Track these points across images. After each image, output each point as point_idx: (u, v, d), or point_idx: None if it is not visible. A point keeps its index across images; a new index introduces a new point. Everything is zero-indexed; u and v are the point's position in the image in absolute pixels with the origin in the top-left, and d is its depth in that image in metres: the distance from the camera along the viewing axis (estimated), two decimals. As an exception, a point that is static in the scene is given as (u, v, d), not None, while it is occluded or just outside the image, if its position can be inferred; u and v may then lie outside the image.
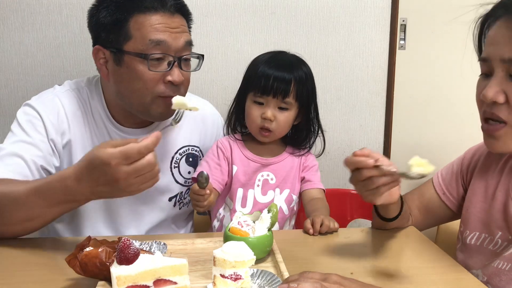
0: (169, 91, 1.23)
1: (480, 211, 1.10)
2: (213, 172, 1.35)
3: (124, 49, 1.20)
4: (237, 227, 1.02)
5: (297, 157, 1.40)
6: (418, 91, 2.17)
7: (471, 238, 1.11)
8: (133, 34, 1.19)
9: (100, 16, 1.22)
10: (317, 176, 1.42)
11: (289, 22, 2.00)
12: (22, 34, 1.87)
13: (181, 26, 1.25)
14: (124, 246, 0.80)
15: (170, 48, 1.21)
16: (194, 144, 1.44)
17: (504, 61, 0.86)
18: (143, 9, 1.19)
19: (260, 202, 1.36)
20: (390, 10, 2.05)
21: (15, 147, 1.21)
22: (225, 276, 0.85)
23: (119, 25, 1.20)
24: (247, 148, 1.38)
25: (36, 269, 1.00)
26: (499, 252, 1.04)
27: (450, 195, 1.22)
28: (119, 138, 1.33)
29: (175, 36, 1.22)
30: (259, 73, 1.29)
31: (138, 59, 1.19)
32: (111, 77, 1.26)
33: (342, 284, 0.82)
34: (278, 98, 1.28)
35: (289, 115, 1.32)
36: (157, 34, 1.19)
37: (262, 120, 1.30)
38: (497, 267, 1.02)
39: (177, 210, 1.45)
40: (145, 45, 1.19)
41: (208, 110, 1.51)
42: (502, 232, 1.04)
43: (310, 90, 1.35)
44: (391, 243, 1.18)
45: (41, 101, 1.30)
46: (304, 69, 1.33)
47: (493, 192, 1.08)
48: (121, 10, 1.20)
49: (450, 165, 1.25)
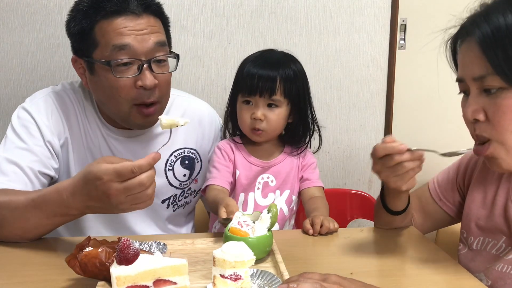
0: (143, 96, 1.20)
1: (481, 218, 1.09)
2: (223, 174, 1.33)
3: (93, 57, 1.18)
4: (237, 227, 1.02)
5: (296, 157, 1.40)
6: (418, 91, 2.17)
7: (476, 243, 1.10)
8: (99, 41, 1.17)
9: (71, 26, 1.21)
10: (316, 174, 1.41)
11: (289, 22, 2.00)
12: (22, 34, 1.87)
13: (149, 27, 1.18)
14: (123, 246, 0.80)
15: (136, 52, 1.16)
16: (190, 147, 1.42)
17: (475, 79, 0.89)
18: (106, 14, 1.15)
19: (260, 205, 1.35)
20: (390, 10, 2.05)
21: (11, 154, 1.21)
22: (225, 276, 0.85)
23: (86, 34, 1.18)
24: (247, 151, 1.37)
25: (36, 269, 1.00)
26: (502, 256, 1.03)
27: (446, 201, 1.22)
28: (112, 140, 1.33)
29: (142, 39, 1.16)
30: (245, 74, 1.29)
31: (105, 67, 1.16)
32: (90, 86, 1.25)
33: (341, 284, 0.82)
34: (265, 96, 1.27)
35: (280, 113, 1.30)
36: (121, 39, 1.15)
37: (252, 121, 1.29)
38: (501, 270, 1.01)
39: (171, 212, 1.44)
40: (109, 51, 1.15)
41: (205, 110, 1.49)
42: (506, 237, 1.03)
43: (300, 87, 1.32)
44: (391, 243, 1.18)
45: (35, 103, 1.29)
46: (292, 66, 1.31)
47: (493, 197, 1.07)
48: (86, 18, 1.17)
49: (447, 170, 1.25)
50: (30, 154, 1.22)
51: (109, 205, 0.96)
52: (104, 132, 1.33)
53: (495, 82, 0.84)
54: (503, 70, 0.82)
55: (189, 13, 1.94)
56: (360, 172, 2.22)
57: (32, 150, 1.23)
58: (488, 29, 0.82)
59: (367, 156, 2.21)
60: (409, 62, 2.13)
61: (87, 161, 1.32)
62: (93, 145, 1.33)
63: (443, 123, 2.21)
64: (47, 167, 1.25)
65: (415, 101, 2.18)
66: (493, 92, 0.86)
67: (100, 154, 1.33)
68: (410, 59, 2.13)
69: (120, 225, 1.38)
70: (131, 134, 1.34)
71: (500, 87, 0.85)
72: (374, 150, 1.00)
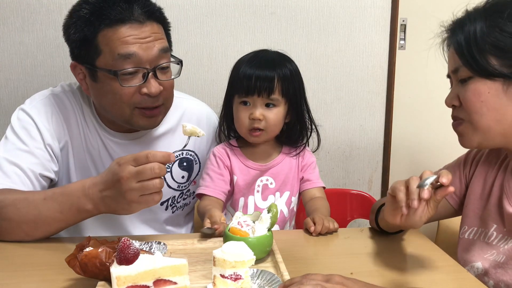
0: (147, 102, 1.20)
1: (478, 207, 1.14)
2: (217, 183, 1.32)
3: (96, 65, 1.17)
4: (237, 227, 1.02)
5: (295, 157, 1.39)
6: (418, 91, 2.18)
7: (469, 233, 1.15)
8: (102, 49, 1.15)
9: (70, 32, 1.19)
10: (316, 173, 1.40)
11: (289, 22, 2.00)
12: (22, 34, 1.87)
13: (153, 34, 1.18)
14: (124, 246, 0.80)
15: (142, 60, 1.16)
16: (188, 149, 1.41)
17: (453, 71, 1.07)
18: (110, 22, 1.14)
19: (261, 208, 1.33)
20: (390, 10, 2.06)
21: (12, 155, 1.21)
22: (225, 276, 0.85)
23: (89, 41, 1.16)
24: (244, 155, 1.36)
25: (36, 269, 1.00)
26: (494, 244, 1.08)
27: (453, 193, 1.22)
28: (110, 143, 1.33)
29: (147, 47, 1.16)
30: (241, 74, 1.27)
31: (110, 75, 1.16)
32: (91, 92, 1.24)
33: (345, 284, 0.82)
34: (263, 96, 1.26)
35: (278, 112, 1.29)
36: (126, 47, 1.14)
37: (251, 121, 1.28)
38: (494, 259, 1.07)
39: (170, 214, 1.44)
40: (115, 60, 1.14)
41: (204, 111, 1.48)
42: (497, 225, 1.09)
43: (297, 87, 1.32)
44: (391, 243, 1.18)
45: (35, 106, 1.28)
46: (288, 65, 1.30)
47: (490, 189, 1.13)
48: (88, 25, 1.15)
49: (452, 163, 1.26)
50: (31, 157, 1.22)
51: (119, 193, 1.00)
52: (103, 135, 1.32)
53: (465, 73, 1.03)
54: (470, 63, 1.01)
55: (189, 13, 1.94)
56: (360, 172, 2.23)
57: (33, 153, 1.23)
58: (461, 36, 1.02)
59: (367, 156, 2.24)
60: (409, 62, 2.13)
61: (87, 163, 1.32)
62: (92, 147, 1.32)
63: (443, 123, 2.20)
64: (47, 169, 1.25)
65: (415, 101, 2.18)
66: (466, 81, 1.03)
67: (99, 156, 1.33)
68: (410, 59, 2.13)
69: (119, 227, 1.38)
70: (129, 137, 1.34)
71: (469, 77, 1.02)
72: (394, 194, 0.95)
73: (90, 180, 1.07)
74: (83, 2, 1.18)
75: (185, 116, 1.42)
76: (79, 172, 1.33)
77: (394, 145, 2.22)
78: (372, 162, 2.22)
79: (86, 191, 1.06)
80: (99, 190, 1.04)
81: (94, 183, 1.05)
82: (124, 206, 1.02)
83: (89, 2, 1.16)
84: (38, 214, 1.08)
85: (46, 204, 1.08)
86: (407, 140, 2.25)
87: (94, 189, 1.05)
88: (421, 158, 2.27)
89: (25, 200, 1.10)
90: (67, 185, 1.12)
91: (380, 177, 2.24)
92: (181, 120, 1.39)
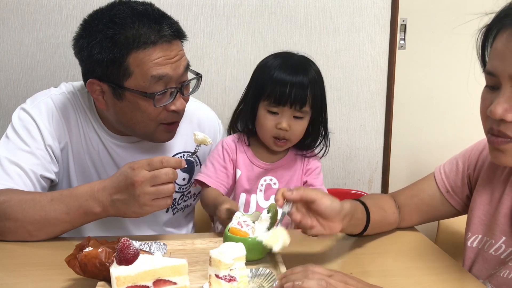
0: (172, 117, 1.23)
1: (485, 214, 1.07)
2: (219, 174, 1.32)
3: (125, 86, 1.15)
4: (236, 227, 1.02)
5: (300, 160, 1.37)
6: (418, 91, 2.18)
7: (472, 240, 1.08)
8: (133, 70, 1.14)
9: (93, 51, 1.14)
10: (320, 179, 1.39)
11: (289, 22, 2.00)
12: (22, 34, 1.87)
13: (179, 52, 1.19)
14: (123, 247, 0.80)
15: (172, 80, 1.17)
16: (190, 150, 1.41)
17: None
18: (143, 45, 1.12)
19: (263, 208, 1.33)
20: (390, 10, 2.06)
21: (13, 155, 1.20)
22: (219, 276, 0.85)
23: (117, 63, 1.13)
24: (251, 151, 1.35)
25: (36, 269, 1.00)
26: (503, 258, 1.01)
27: (454, 193, 1.16)
28: (111, 144, 1.33)
29: (176, 66, 1.17)
30: (274, 79, 1.22)
31: (141, 96, 1.15)
32: (111, 109, 1.22)
33: (347, 282, 0.81)
34: (295, 107, 1.22)
35: (304, 124, 1.27)
36: (158, 69, 1.14)
37: (277, 130, 1.26)
38: (506, 277, 0.99)
39: (170, 215, 1.44)
40: (147, 82, 1.14)
41: (205, 113, 1.47)
42: (507, 237, 1.01)
43: (322, 92, 1.29)
44: (391, 243, 1.18)
45: (36, 106, 1.28)
46: (314, 68, 1.29)
47: (500, 195, 1.04)
48: (118, 47, 1.12)
49: (454, 160, 1.19)
50: (32, 157, 1.22)
51: (132, 196, 1.02)
52: (103, 137, 1.32)
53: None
54: None
55: (189, 13, 1.95)
56: (360, 172, 2.23)
57: (34, 153, 1.22)
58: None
59: (367, 156, 2.24)
60: (409, 62, 2.13)
61: (87, 165, 1.32)
62: (93, 149, 1.32)
63: (442, 123, 2.21)
64: (48, 170, 1.25)
65: (415, 101, 2.18)
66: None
67: (99, 159, 1.33)
68: (410, 59, 2.13)
69: (119, 228, 1.37)
70: (131, 140, 1.34)
71: None
72: None
73: (99, 183, 1.08)
74: (108, 22, 1.13)
75: (186, 117, 1.41)
76: (79, 173, 1.32)
77: (394, 145, 2.22)
78: (372, 162, 2.22)
79: (95, 194, 1.07)
80: (109, 194, 1.06)
81: (104, 187, 1.07)
82: (136, 210, 1.04)
83: (117, 23, 1.12)
84: (44, 215, 1.09)
85: (53, 205, 1.09)
86: (407, 140, 2.25)
87: (104, 193, 1.07)
88: (421, 158, 2.27)
89: (31, 201, 1.10)
90: (75, 187, 1.13)
91: (380, 177, 2.24)
92: (183, 123, 1.38)
